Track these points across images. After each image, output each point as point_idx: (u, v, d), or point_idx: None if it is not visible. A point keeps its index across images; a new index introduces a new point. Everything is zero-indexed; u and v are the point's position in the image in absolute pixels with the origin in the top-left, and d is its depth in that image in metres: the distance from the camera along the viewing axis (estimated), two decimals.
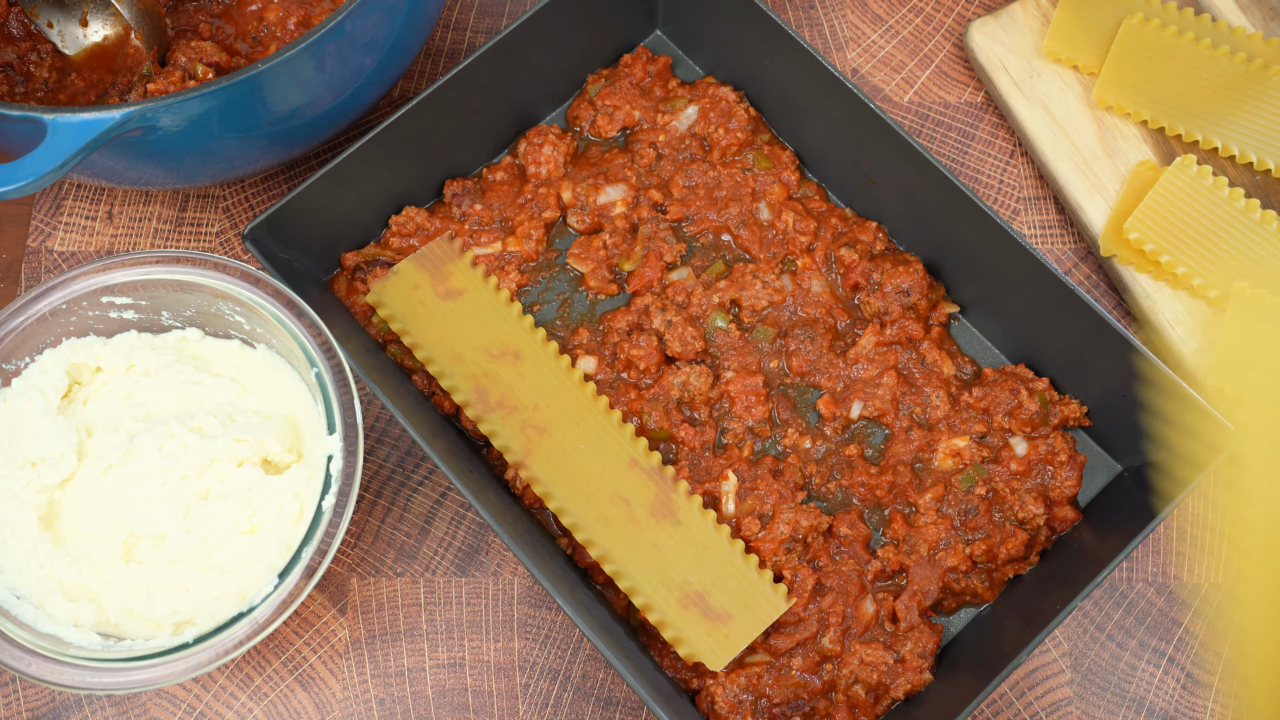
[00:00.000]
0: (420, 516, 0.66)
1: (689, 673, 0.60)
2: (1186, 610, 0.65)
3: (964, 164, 0.74)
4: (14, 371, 0.59)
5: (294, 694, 0.62)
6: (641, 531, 0.61)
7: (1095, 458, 0.65)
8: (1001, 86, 0.73)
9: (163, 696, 0.62)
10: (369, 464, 0.66)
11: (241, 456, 0.57)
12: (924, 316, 0.66)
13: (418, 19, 0.63)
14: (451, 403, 0.65)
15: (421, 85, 0.75)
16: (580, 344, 0.66)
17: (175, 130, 0.56)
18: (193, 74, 0.63)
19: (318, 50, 0.56)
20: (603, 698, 0.63)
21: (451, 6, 0.77)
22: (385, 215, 0.68)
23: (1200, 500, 0.67)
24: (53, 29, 0.67)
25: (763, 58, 0.68)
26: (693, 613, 0.59)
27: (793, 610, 0.60)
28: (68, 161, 0.52)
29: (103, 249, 0.71)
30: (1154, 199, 0.68)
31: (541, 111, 0.72)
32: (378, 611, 0.64)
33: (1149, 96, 0.72)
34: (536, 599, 0.64)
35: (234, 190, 0.72)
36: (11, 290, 0.70)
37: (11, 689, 0.62)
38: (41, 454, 0.57)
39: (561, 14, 0.67)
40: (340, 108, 0.62)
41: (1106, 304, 0.71)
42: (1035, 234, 0.72)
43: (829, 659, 0.60)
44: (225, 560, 0.56)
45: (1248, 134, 0.71)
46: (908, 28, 0.77)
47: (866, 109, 0.64)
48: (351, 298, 0.67)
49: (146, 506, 0.56)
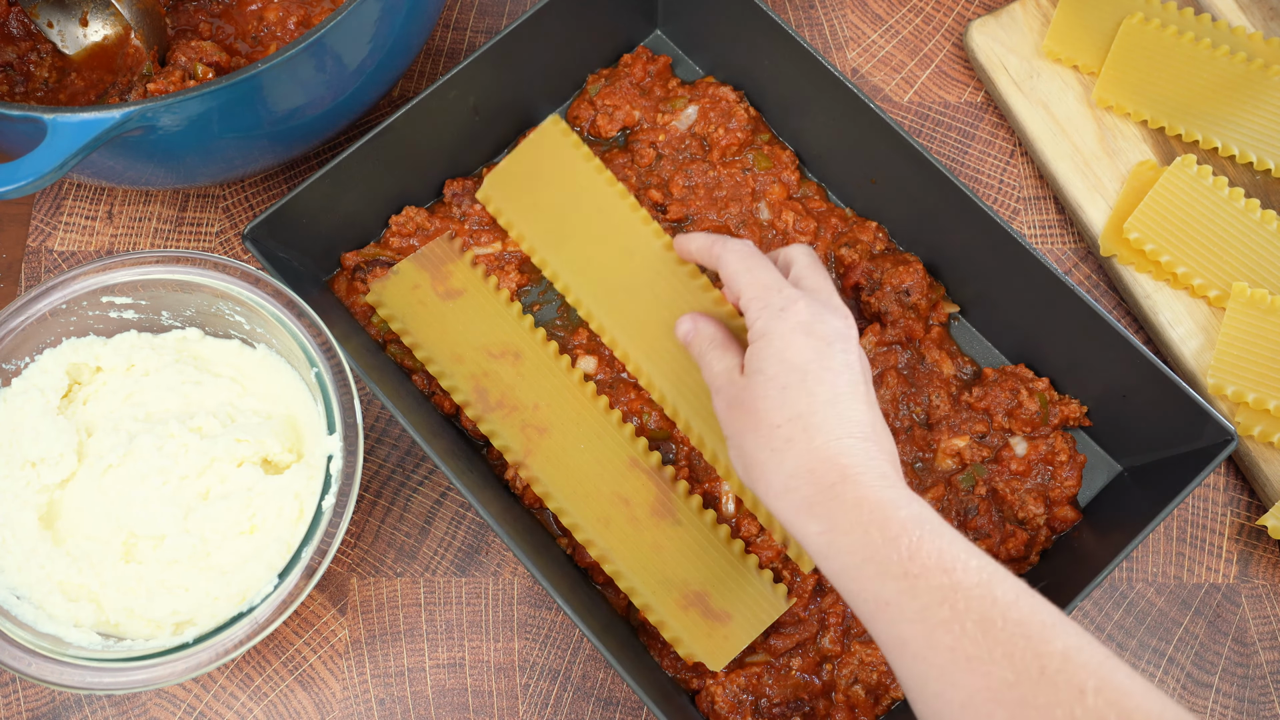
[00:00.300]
0: (420, 516, 0.66)
1: (689, 673, 0.60)
2: (1186, 610, 0.65)
3: (964, 164, 0.74)
4: (14, 371, 0.59)
5: (294, 694, 0.62)
6: (641, 531, 0.61)
7: (1095, 458, 0.65)
8: (1001, 86, 0.73)
9: (163, 696, 0.62)
10: (369, 464, 0.66)
11: (241, 456, 0.57)
12: (924, 316, 0.66)
13: (418, 19, 0.63)
14: (451, 403, 0.65)
15: (421, 85, 0.75)
16: (580, 344, 0.66)
17: (175, 130, 0.56)
18: (193, 74, 0.63)
19: (318, 50, 0.56)
20: (603, 698, 0.63)
21: (451, 6, 0.77)
22: (385, 215, 0.68)
23: (1200, 500, 0.67)
24: (53, 29, 0.67)
25: (763, 58, 0.68)
26: (693, 613, 0.59)
27: (792, 610, 0.60)
28: (68, 161, 0.52)
29: (103, 249, 0.71)
30: (1154, 199, 0.68)
31: (541, 112, 0.72)
32: (378, 611, 0.64)
33: (1149, 96, 0.72)
34: (536, 599, 0.64)
35: (234, 190, 0.72)
36: (11, 290, 0.70)
37: (11, 689, 0.62)
38: (41, 454, 0.57)
39: (561, 14, 0.67)
40: (340, 108, 0.62)
41: (1106, 304, 0.71)
42: (1035, 234, 0.72)
43: (829, 659, 0.60)
44: (225, 560, 0.56)
45: (1248, 134, 0.71)
46: (908, 28, 0.77)
47: (866, 109, 0.64)
48: (351, 298, 0.67)
49: (146, 506, 0.56)
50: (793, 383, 0.52)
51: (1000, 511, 0.63)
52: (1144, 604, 0.65)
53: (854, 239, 0.68)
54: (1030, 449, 0.64)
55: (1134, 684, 0.41)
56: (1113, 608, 0.65)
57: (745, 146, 0.70)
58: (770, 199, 0.69)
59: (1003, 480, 0.63)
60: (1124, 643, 0.64)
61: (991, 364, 0.67)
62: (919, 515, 0.47)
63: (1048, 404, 0.64)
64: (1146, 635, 0.64)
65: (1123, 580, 0.65)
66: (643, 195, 0.69)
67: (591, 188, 0.66)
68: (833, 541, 0.48)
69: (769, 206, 0.69)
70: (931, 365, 0.65)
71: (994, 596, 0.44)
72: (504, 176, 0.67)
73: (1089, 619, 0.64)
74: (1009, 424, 0.64)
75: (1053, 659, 0.42)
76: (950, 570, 0.45)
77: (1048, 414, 0.64)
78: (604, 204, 0.65)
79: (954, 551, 0.46)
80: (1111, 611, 0.65)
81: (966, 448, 0.63)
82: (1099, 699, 0.40)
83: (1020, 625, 0.43)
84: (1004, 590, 0.44)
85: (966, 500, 0.62)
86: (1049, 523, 0.63)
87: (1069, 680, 0.41)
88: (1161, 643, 0.64)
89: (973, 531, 0.62)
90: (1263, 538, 0.66)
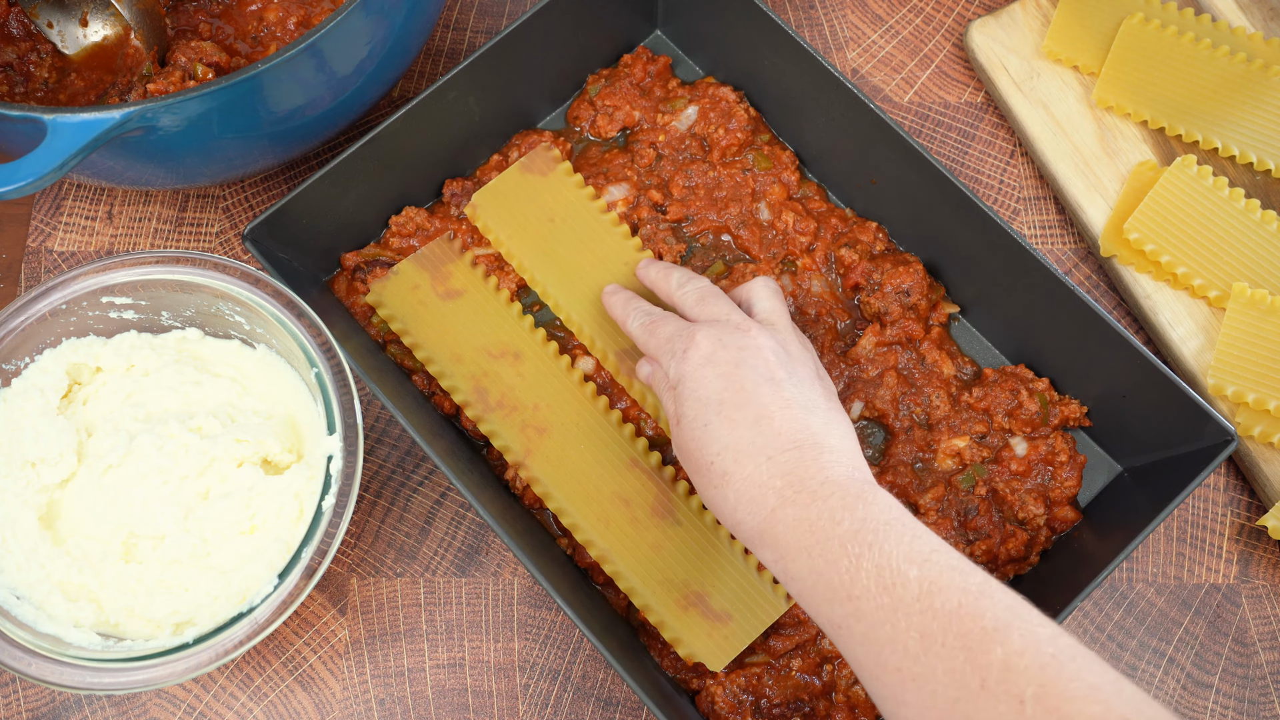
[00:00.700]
0: (420, 516, 0.66)
1: (689, 673, 0.60)
2: (1187, 610, 0.65)
3: (964, 164, 0.74)
4: (14, 371, 0.59)
5: (294, 694, 0.62)
6: (641, 531, 0.61)
7: (1095, 458, 0.65)
8: (1001, 86, 0.73)
9: (163, 696, 0.62)
10: (369, 464, 0.66)
11: (241, 456, 0.57)
12: (924, 316, 0.66)
13: (418, 19, 0.63)
14: (451, 403, 0.65)
15: (421, 85, 0.75)
16: (580, 344, 0.66)
17: (175, 130, 0.56)
18: (193, 74, 0.63)
19: (318, 50, 0.56)
20: (603, 698, 0.63)
21: (451, 6, 0.77)
22: (385, 215, 0.68)
23: (1200, 500, 0.67)
24: (53, 29, 0.67)
25: (763, 58, 0.68)
26: (693, 613, 0.59)
27: (792, 611, 0.60)
28: (68, 161, 0.52)
29: (103, 249, 0.71)
30: (1154, 199, 0.68)
31: (541, 111, 0.72)
32: (378, 611, 0.64)
33: (1149, 96, 0.72)
34: (536, 599, 0.64)
35: (234, 190, 0.72)
36: (11, 290, 0.70)
37: (11, 689, 0.62)
38: (41, 454, 0.57)
39: (561, 14, 0.67)
40: (340, 108, 0.62)
41: (1106, 304, 0.71)
42: (1035, 234, 0.72)
43: (829, 660, 0.60)
44: (225, 560, 0.56)
45: (1248, 134, 0.71)
46: (908, 28, 0.77)
47: (866, 109, 0.64)
48: (351, 298, 0.67)
49: (146, 506, 0.56)
50: (711, 418, 0.51)
51: (1000, 512, 0.63)
52: (1144, 604, 0.65)
53: (854, 239, 0.68)
54: (1030, 449, 0.64)
55: (1078, 685, 0.40)
56: (1113, 608, 0.65)
57: (745, 147, 0.70)
58: (770, 199, 0.69)
59: (1003, 480, 0.63)
60: (1124, 643, 0.64)
61: (991, 364, 0.67)
62: (858, 528, 0.46)
63: (1048, 404, 0.64)
64: (1146, 635, 0.64)
65: (1123, 580, 0.65)
66: (642, 195, 0.69)
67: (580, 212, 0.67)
68: (785, 569, 0.48)
69: (769, 207, 0.69)
70: (931, 365, 0.65)
71: (934, 609, 0.43)
72: (492, 195, 0.67)
73: (1089, 619, 0.64)
74: (1009, 424, 0.64)
75: (992, 670, 0.41)
76: (890, 588, 0.44)
77: (1048, 414, 0.64)
78: (592, 227, 0.66)
79: (893, 565, 0.44)
80: (1112, 612, 0.65)
81: (966, 448, 0.63)
82: (1037, 707, 0.40)
83: (961, 637, 0.42)
84: (944, 600, 0.43)
85: (966, 500, 0.62)
86: (1049, 523, 0.63)
87: (1008, 691, 0.40)
88: (1161, 643, 0.64)
89: (973, 532, 0.62)
90: (1263, 538, 0.66)
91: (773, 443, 0.50)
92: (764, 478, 0.49)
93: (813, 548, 0.46)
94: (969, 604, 0.43)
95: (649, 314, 0.59)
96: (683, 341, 0.55)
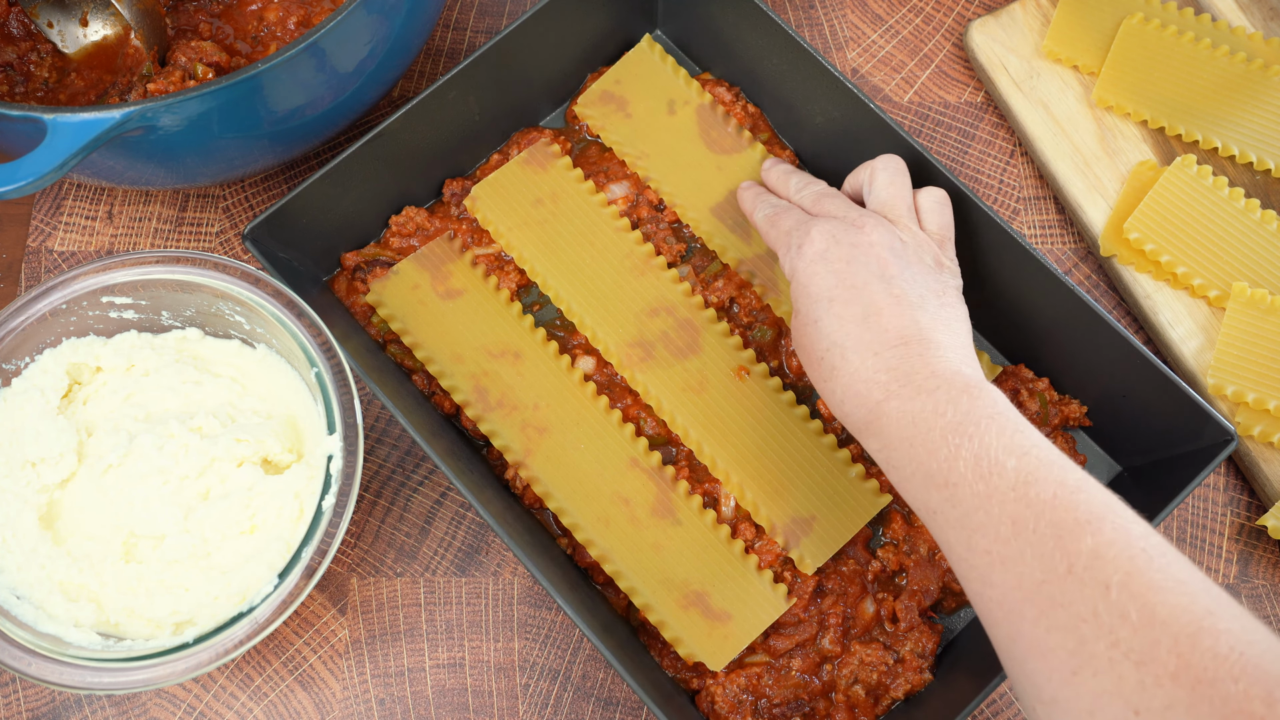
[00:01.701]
0: (420, 516, 0.66)
1: (689, 673, 0.60)
2: None
3: (964, 164, 0.74)
4: (14, 371, 0.59)
5: (294, 694, 0.62)
6: (641, 531, 0.61)
7: (1095, 458, 0.65)
8: (1001, 86, 0.73)
9: (163, 696, 0.62)
10: (369, 464, 0.66)
11: (241, 456, 0.57)
12: None
13: (418, 19, 0.63)
14: (451, 402, 0.65)
15: (421, 85, 0.75)
16: (580, 344, 0.66)
17: (175, 130, 0.56)
18: (193, 74, 0.63)
19: (318, 50, 0.56)
20: (603, 698, 0.63)
21: (451, 6, 0.77)
22: (385, 215, 0.68)
23: (1200, 500, 0.67)
24: (53, 29, 0.67)
25: (763, 58, 0.68)
26: (693, 613, 0.59)
27: (792, 611, 0.60)
28: (68, 161, 0.52)
29: (103, 249, 0.71)
30: (1154, 199, 0.68)
31: (542, 111, 0.72)
32: (378, 611, 0.64)
33: (1149, 96, 0.72)
34: (536, 599, 0.64)
35: (234, 190, 0.72)
36: (11, 290, 0.70)
37: (11, 689, 0.62)
38: (41, 454, 0.57)
39: (561, 14, 0.67)
40: (340, 108, 0.62)
41: (1106, 304, 0.71)
42: (1035, 234, 0.72)
43: (829, 659, 0.60)
44: (225, 560, 0.56)
45: (1248, 134, 0.71)
46: (908, 28, 0.77)
47: (866, 109, 0.64)
48: (351, 298, 0.67)
49: (147, 506, 0.56)
50: (821, 314, 0.54)
51: None
52: None
53: None
54: None
55: (1163, 577, 0.41)
56: None
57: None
58: None
59: None
60: None
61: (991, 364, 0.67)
62: (960, 420, 0.48)
63: (1048, 404, 0.64)
64: None
65: None
66: (641, 195, 0.69)
67: (580, 204, 0.67)
68: (888, 458, 0.50)
69: None
70: None
71: (1029, 498, 0.45)
72: (492, 188, 0.67)
73: None
74: None
75: (1080, 557, 0.42)
76: (987, 476, 0.46)
77: (1048, 414, 0.64)
78: (592, 220, 0.67)
79: (992, 455, 0.46)
80: None
81: None
82: (1122, 593, 0.41)
83: (1053, 526, 0.44)
84: (1039, 491, 0.45)
85: None
86: None
87: (1095, 577, 0.42)
88: None
89: None
90: (1263, 538, 0.66)
91: (880, 339, 0.52)
92: (870, 373, 0.51)
93: (914, 439, 0.49)
94: (1064, 496, 0.45)
95: (774, 205, 0.61)
96: (799, 236, 0.57)
